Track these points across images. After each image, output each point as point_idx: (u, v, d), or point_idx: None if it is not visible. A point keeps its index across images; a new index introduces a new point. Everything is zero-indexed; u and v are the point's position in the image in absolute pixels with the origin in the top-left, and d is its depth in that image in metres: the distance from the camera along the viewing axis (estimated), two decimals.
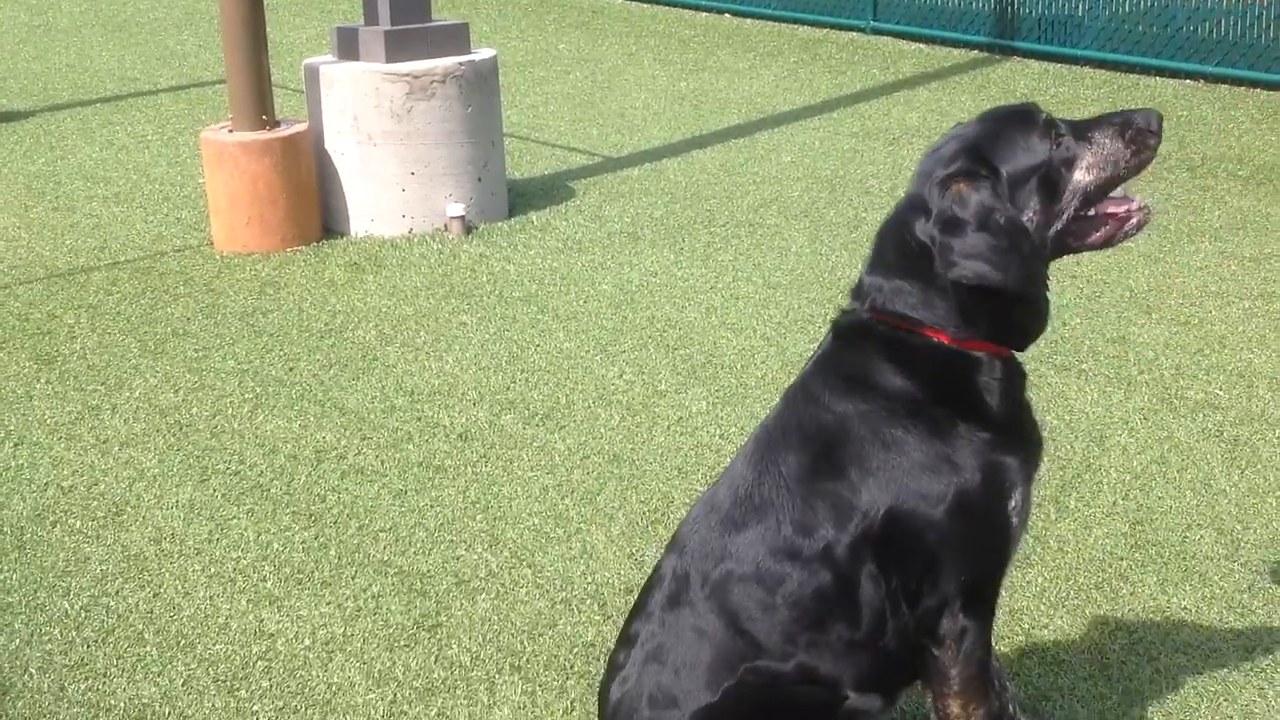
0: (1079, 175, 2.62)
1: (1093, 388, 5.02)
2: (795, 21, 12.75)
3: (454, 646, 3.63)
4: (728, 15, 13.45)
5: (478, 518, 4.29)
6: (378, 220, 7.03)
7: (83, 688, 3.50)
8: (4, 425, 5.02)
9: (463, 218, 6.98)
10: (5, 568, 4.07)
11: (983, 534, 2.64)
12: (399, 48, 6.97)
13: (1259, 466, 4.41)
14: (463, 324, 5.87)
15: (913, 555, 2.60)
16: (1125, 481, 4.34)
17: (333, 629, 3.73)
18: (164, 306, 6.17)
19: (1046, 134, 2.61)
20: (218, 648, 3.66)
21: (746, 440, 2.81)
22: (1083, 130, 2.65)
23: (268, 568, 4.04)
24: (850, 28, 12.34)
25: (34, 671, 3.58)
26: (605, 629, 3.65)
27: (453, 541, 4.15)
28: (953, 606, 2.63)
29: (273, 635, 3.71)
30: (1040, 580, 3.80)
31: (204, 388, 5.31)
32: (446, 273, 6.49)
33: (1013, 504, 2.64)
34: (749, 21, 13.15)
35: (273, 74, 7.15)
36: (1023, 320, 2.66)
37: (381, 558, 4.08)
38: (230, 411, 5.09)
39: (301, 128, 7.02)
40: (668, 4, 14.02)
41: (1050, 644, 3.53)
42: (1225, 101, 9.17)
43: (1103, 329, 5.53)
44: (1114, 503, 4.22)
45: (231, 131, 6.93)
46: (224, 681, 3.52)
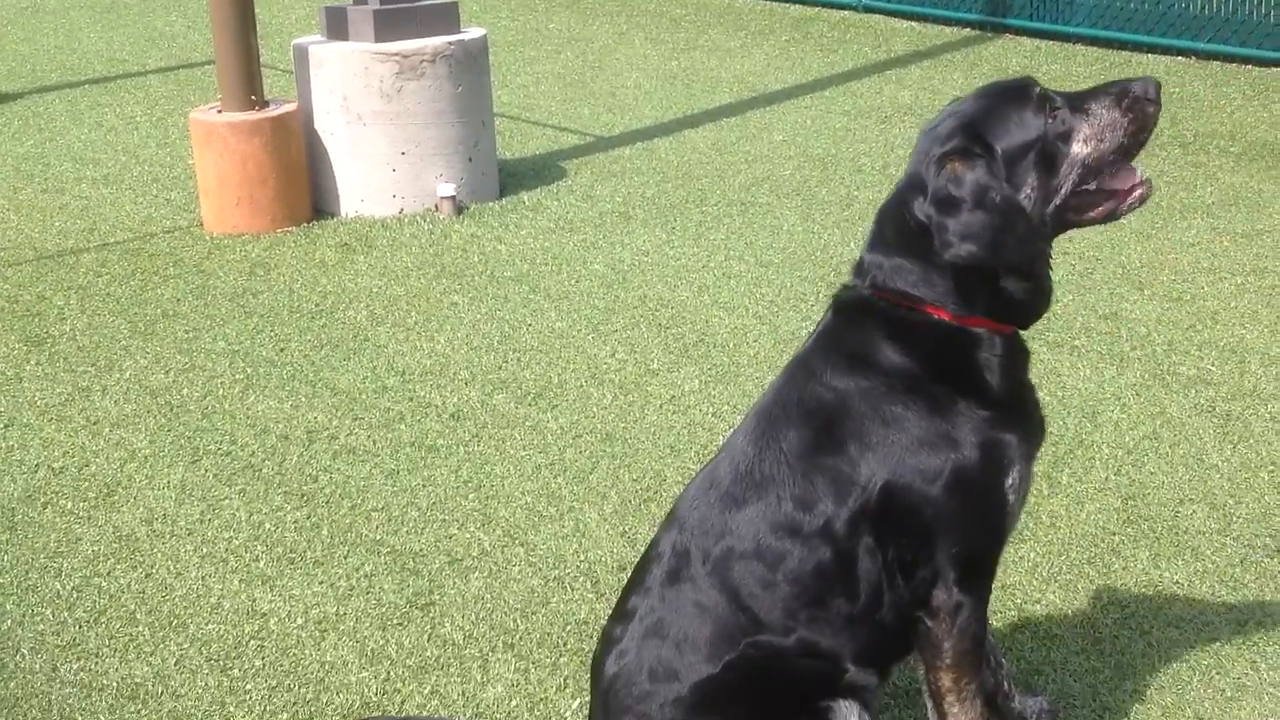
0: (1076, 148, 2.60)
1: (1085, 364, 5.01)
2: (786, 0, 12.71)
3: (447, 625, 3.63)
4: None
5: (470, 497, 4.28)
6: (368, 200, 7.01)
7: (75, 668, 3.50)
8: None
9: (453, 198, 6.96)
10: None
11: (979, 510, 2.64)
12: (388, 27, 6.94)
13: (1251, 441, 4.41)
14: (454, 304, 5.86)
15: (908, 529, 2.60)
16: (1117, 457, 4.34)
17: (325, 608, 3.73)
18: (154, 288, 6.15)
19: (1041, 108, 2.60)
20: (210, 627, 3.66)
21: (746, 415, 2.80)
22: (1080, 102, 2.63)
23: (260, 547, 4.04)
24: (842, 6, 12.29)
25: (26, 652, 3.57)
26: (598, 606, 3.65)
27: (445, 520, 4.15)
28: (947, 580, 2.63)
29: (265, 615, 3.71)
30: (1033, 555, 3.81)
31: (195, 369, 5.29)
32: (437, 253, 6.48)
33: (1010, 481, 2.64)
34: (740, 0, 13.11)
35: (261, 54, 7.11)
36: (1024, 298, 2.65)
37: (374, 537, 4.07)
38: (221, 392, 5.07)
39: (291, 108, 6.99)
40: None
41: (1043, 619, 3.54)
42: (1217, 78, 9.16)
43: (1095, 305, 5.53)
44: (1106, 478, 4.22)
45: (220, 112, 6.90)
46: (216, 661, 3.51)
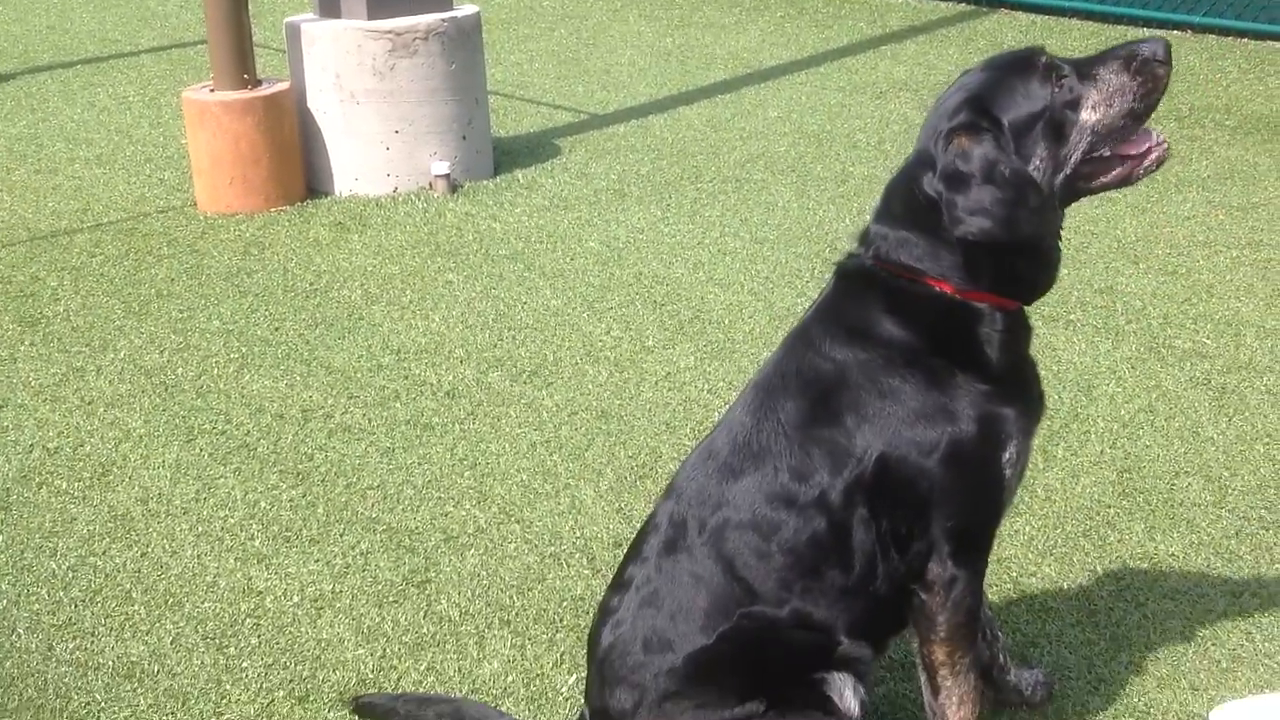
0: (1085, 115, 2.58)
1: (1080, 337, 5.01)
2: None
3: (443, 602, 3.63)
4: None
5: (466, 474, 4.28)
6: (362, 179, 6.99)
7: (71, 647, 3.50)
8: None
9: (448, 176, 6.94)
10: None
11: (975, 483, 2.64)
12: (380, 4, 6.90)
13: (1246, 414, 4.41)
14: (449, 282, 5.85)
15: (904, 501, 2.60)
16: (1113, 430, 4.34)
17: (321, 586, 3.73)
18: (148, 268, 6.14)
19: (1047, 77, 2.58)
20: (206, 605, 3.66)
21: (744, 387, 2.80)
22: (1088, 68, 2.62)
23: (255, 526, 4.03)
24: None
25: (22, 631, 3.57)
26: (594, 583, 3.65)
27: (441, 498, 4.15)
28: (941, 553, 2.63)
29: (261, 593, 3.71)
30: (1028, 528, 3.81)
31: (189, 348, 5.28)
32: (432, 231, 6.46)
33: (1007, 456, 2.64)
34: None
35: (254, 33, 7.08)
36: (1031, 273, 2.65)
37: (370, 515, 4.07)
38: (216, 371, 5.07)
39: (283, 86, 6.96)
40: None
41: (1038, 591, 3.54)
42: (1213, 51, 9.13)
43: (1090, 279, 5.52)
44: (1102, 451, 4.22)
45: (213, 91, 6.87)
46: (213, 639, 3.51)
